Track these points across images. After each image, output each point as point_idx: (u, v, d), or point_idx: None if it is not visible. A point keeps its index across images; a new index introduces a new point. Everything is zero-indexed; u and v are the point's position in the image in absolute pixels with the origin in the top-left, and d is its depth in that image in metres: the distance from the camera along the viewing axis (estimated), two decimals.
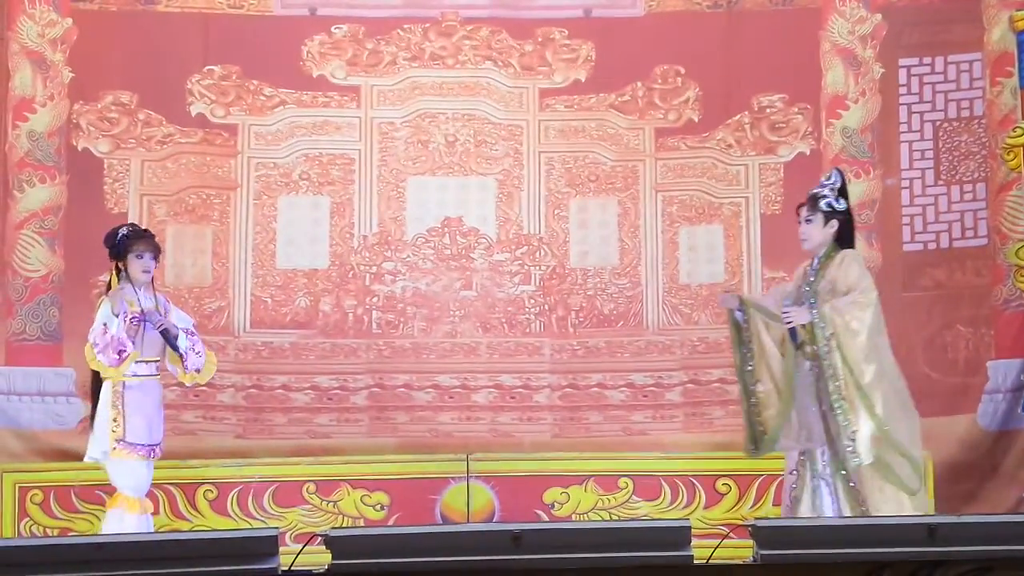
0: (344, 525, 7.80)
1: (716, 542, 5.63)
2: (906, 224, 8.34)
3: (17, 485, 7.94)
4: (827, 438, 6.46)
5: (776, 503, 7.67)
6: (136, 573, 4.99)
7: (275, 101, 8.55)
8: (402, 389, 8.38)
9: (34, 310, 8.21)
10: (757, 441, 6.57)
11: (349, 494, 7.98)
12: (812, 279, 6.72)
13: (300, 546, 5.96)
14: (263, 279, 8.49)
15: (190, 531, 7.68)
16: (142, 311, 6.81)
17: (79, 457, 7.66)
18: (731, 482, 8.05)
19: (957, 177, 8.33)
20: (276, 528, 5.46)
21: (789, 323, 6.51)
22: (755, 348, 6.56)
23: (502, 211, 8.60)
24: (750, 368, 6.58)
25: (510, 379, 8.41)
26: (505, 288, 8.49)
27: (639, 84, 8.60)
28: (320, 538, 5.38)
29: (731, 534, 6.47)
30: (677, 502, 8.06)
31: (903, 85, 8.40)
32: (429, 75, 8.58)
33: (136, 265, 6.86)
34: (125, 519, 6.76)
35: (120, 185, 8.44)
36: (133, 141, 8.47)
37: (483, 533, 5.34)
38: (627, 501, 8.05)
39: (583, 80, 8.60)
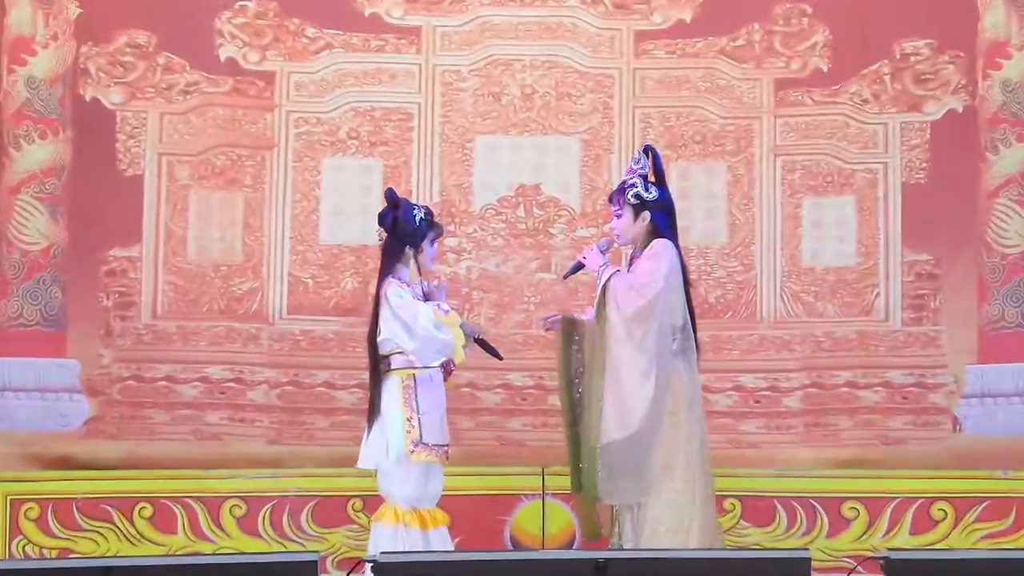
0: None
1: None
2: None
3: (9, 497, 8.05)
4: None
5: (914, 531, 7.96)
6: None
7: (319, 44, 8.61)
8: (466, 389, 8.39)
9: (32, 290, 8.29)
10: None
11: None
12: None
13: (344, 574, 6.28)
14: (303, 256, 8.55)
15: (214, 554, 7.78)
16: (425, 298, 7.08)
17: (83, 464, 7.93)
18: (859, 505, 8.11)
19: None
20: (316, 552, 5.60)
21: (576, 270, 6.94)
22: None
23: (588, 177, 8.60)
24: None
25: None
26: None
27: (756, 26, 8.62)
28: (367, 564, 5.43)
29: (859, 568, 6.72)
30: (795, 529, 8.13)
31: None
32: (502, 14, 8.63)
33: (429, 253, 7.12)
34: (430, 536, 6.94)
35: (135, 143, 8.47)
36: (151, 90, 8.52)
37: (561, 561, 5.36)
38: (734, 527, 8.09)
39: (688, 21, 8.63)
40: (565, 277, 7.20)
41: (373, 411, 7.02)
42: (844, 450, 8.26)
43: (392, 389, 6.99)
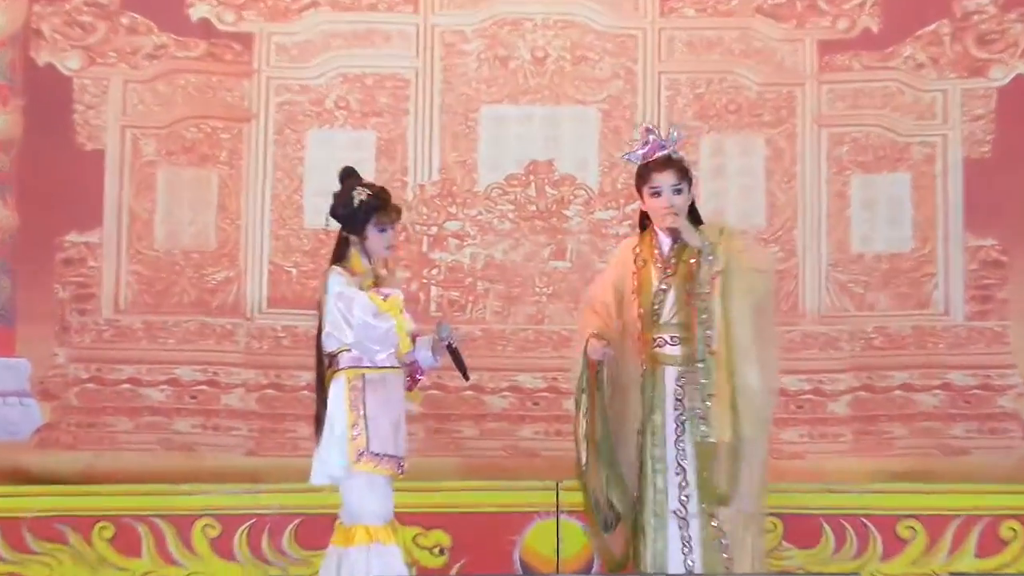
0: None
1: None
2: None
3: None
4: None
5: (980, 553, 7.88)
6: None
7: (303, 2, 8.55)
8: (469, 392, 8.32)
9: None
10: None
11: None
12: (670, 272, 6.80)
13: None
14: (285, 242, 8.48)
15: None
16: (378, 287, 6.91)
17: (34, 478, 7.88)
18: (917, 524, 7.95)
19: None
20: None
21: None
22: None
23: (607, 152, 8.50)
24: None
25: None
26: (611, 257, 7.88)
27: None
28: None
29: None
30: (844, 550, 7.94)
31: None
32: None
33: (377, 240, 6.88)
34: (386, 554, 6.81)
35: (95, 114, 8.40)
36: (113, 55, 8.44)
37: None
38: (775, 548, 7.90)
39: None
40: (668, 231, 6.88)
41: (319, 417, 6.85)
42: (899, 461, 8.18)
43: (338, 391, 6.81)
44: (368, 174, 8.09)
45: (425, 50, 8.50)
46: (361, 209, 6.83)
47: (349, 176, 6.97)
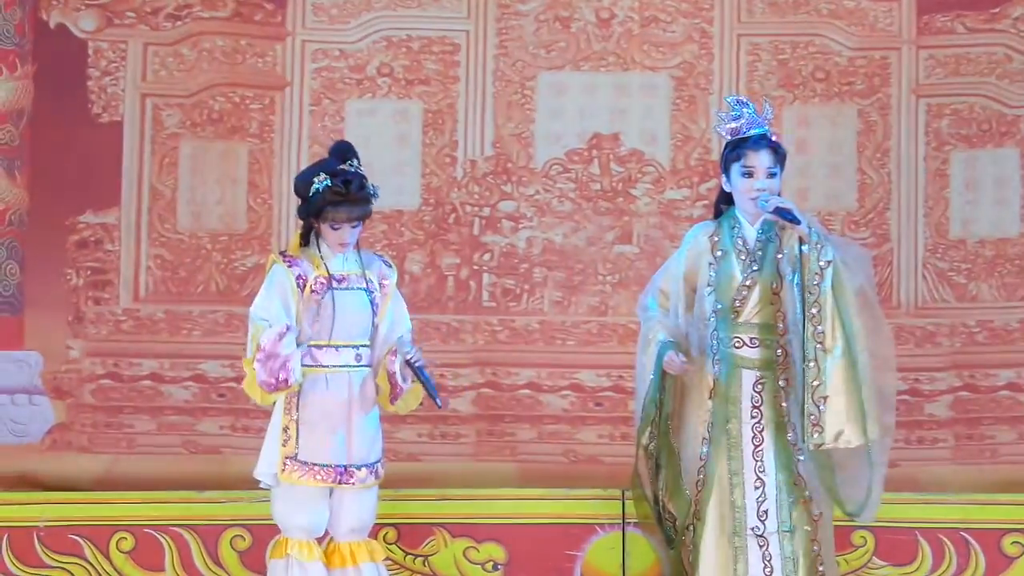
0: None
1: None
2: None
3: None
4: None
5: None
6: None
7: None
8: (525, 391, 8.40)
9: None
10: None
11: (447, 545, 7.89)
12: (756, 267, 6.75)
13: None
14: None
15: None
16: (329, 278, 6.88)
17: (46, 484, 7.92)
18: None
19: None
20: None
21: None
22: None
23: (680, 125, 8.53)
24: None
25: None
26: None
27: None
28: None
29: None
30: (943, 568, 7.86)
31: None
32: None
33: (329, 235, 6.91)
34: (306, 571, 6.87)
35: (112, 80, 8.41)
36: (132, 15, 8.47)
37: None
38: (866, 564, 7.84)
39: None
40: (774, 212, 6.76)
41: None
42: (1005, 469, 8.18)
43: None
44: (414, 148, 8.47)
45: (478, 10, 8.52)
46: (316, 198, 6.82)
47: (343, 151, 6.96)
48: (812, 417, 6.52)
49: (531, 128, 8.49)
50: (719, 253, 6.72)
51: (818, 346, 6.56)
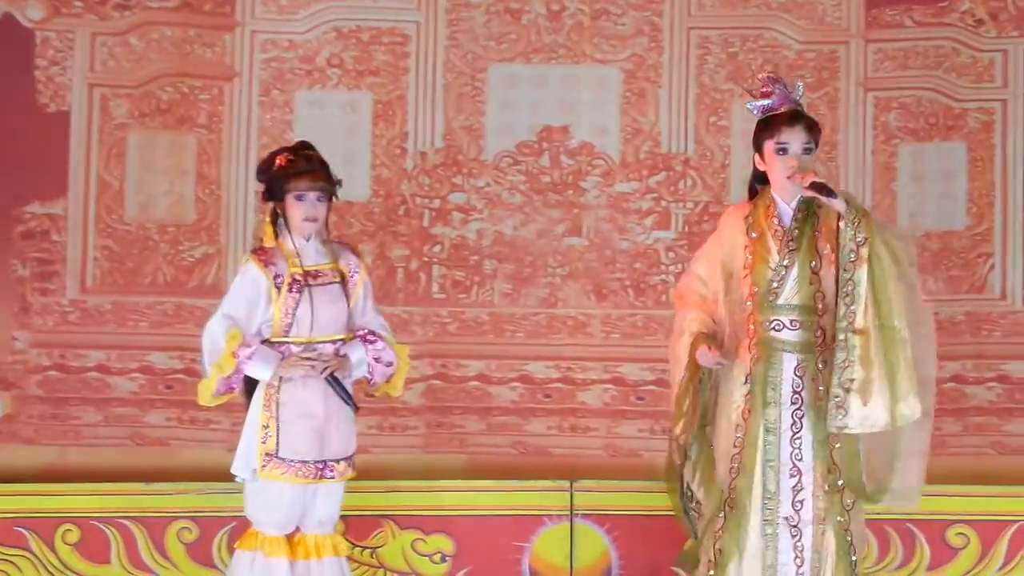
0: None
1: None
2: None
3: None
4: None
5: None
6: None
7: None
8: (475, 383, 8.42)
9: None
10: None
11: (395, 537, 7.93)
12: (793, 246, 6.58)
13: None
14: None
15: None
16: (305, 275, 6.84)
17: None
18: (969, 531, 7.90)
19: None
20: None
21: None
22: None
23: (630, 118, 8.52)
24: None
25: (636, 370, 8.41)
26: (632, 235, 8.48)
27: None
28: None
29: None
30: (888, 560, 7.90)
31: None
32: None
33: (296, 210, 6.80)
34: (268, 568, 6.86)
35: (60, 70, 8.40)
36: (80, 5, 8.44)
37: None
38: None
39: None
40: (811, 187, 6.56)
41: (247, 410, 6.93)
42: (950, 461, 8.08)
43: (260, 385, 6.90)
44: (364, 140, 8.43)
45: (428, 2, 8.50)
46: (278, 172, 6.78)
47: (302, 143, 6.89)
48: (837, 399, 6.36)
49: (481, 120, 8.49)
50: (754, 234, 6.55)
51: (848, 325, 6.40)
